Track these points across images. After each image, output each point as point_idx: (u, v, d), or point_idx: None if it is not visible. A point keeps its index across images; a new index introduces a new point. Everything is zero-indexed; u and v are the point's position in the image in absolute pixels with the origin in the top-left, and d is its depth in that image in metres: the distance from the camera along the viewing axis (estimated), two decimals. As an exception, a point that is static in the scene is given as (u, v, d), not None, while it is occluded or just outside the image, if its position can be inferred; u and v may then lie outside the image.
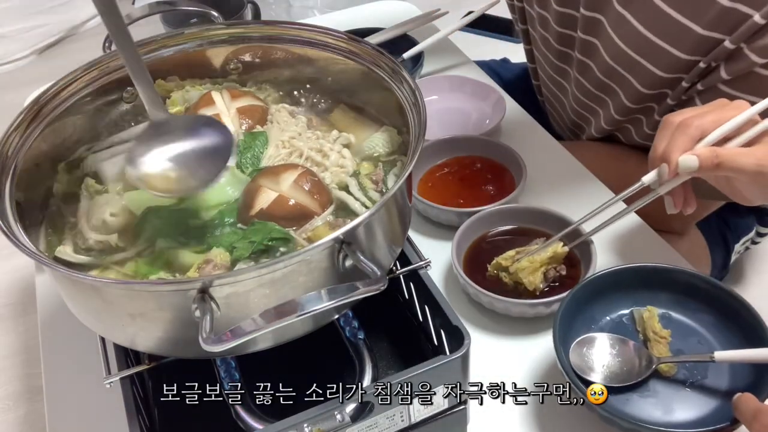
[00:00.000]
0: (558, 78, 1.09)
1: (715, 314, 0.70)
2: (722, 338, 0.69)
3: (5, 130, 0.65)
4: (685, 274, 0.72)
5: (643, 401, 0.66)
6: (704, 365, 0.67)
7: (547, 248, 0.76)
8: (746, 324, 0.67)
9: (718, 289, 0.70)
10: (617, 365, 0.67)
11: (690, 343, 0.70)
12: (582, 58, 0.98)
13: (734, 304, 0.68)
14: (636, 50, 0.87)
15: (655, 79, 0.88)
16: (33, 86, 0.91)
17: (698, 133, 0.64)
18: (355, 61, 0.73)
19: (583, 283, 0.72)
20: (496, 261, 0.78)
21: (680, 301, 0.72)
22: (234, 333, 0.49)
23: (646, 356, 0.67)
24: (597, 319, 0.73)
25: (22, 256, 0.54)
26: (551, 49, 1.05)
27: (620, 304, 0.73)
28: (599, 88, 0.99)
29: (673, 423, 0.64)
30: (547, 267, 0.77)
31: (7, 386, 1.46)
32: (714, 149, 0.63)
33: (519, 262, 0.76)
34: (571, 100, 1.07)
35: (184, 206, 0.66)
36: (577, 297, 0.71)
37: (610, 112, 0.99)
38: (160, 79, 0.79)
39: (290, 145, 0.72)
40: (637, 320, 0.72)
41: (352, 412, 0.57)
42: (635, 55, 0.87)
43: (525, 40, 1.17)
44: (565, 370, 0.65)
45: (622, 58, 0.90)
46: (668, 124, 0.66)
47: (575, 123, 1.12)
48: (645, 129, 0.98)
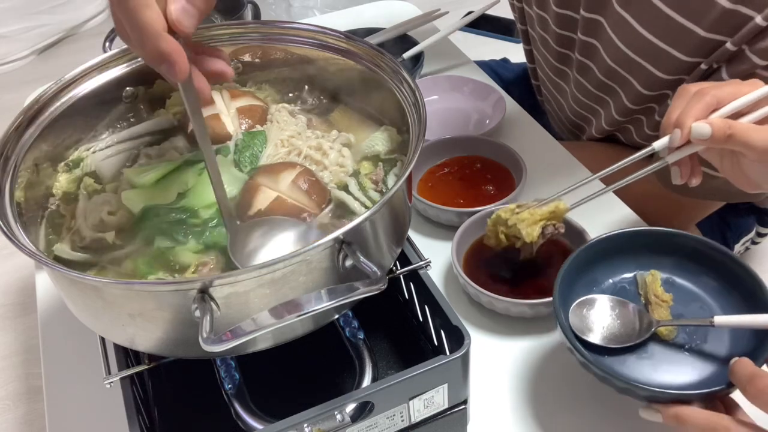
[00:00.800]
0: (557, 79, 1.09)
1: (718, 280, 0.70)
2: (725, 304, 0.69)
3: (5, 130, 0.65)
4: (690, 238, 0.72)
5: (639, 363, 0.66)
6: (704, 330, 0.67)
7: (549, 203, 0.75)
8: (748, 290, 0.67)
9: (722, 255, 0.70)
10: (616, 327, 0.67)
11: (692, 308, 0.70)
12: (582, 60, 0.98)
13: (737, 270, 0.68)
14: (637, 52, 0.87)
15: (656, 81, 0.88)
16: (33, 86, 0.91)
17: (714, 102, 0.64)
18: (355, 61, 0.73)
19: (587, 245, 0.71)
20: (496, 214, 0.77)
21: (684, 266, 0.72)
22: (234, 333, 0.49)
23: (647, 319, 0.67)
24: (600, 281, 0.73)
25: (22, 256, 0.54)
26: (550, 50, 1.05)
27: (624, 267, 0.73)
28: (600, 89, 0.99)
29: (667, 384, 0.63)
30: (547, 222, 0.76)
31: (7, 386, 1.46)
32: (727, 121, 0.62)
33: (519, 214, 0.75)
34: (571, 101, 1.07)
35: (181, 205, 0.66)
36: (579, 259, 0.71)
37: (611, 112, 0.99)
38: (160, 79, 0.79)
39: (289, 143, 0.73)
40: (640, 284, 0.72)
41: (352, 412, 0.57)
42: (636, 56, 0.87)
43: (525, 40, 1.17)
44: (564, 330, 0.64)
45: (622, 60, 0.90)
46: (684, 92, 0.66)
47: (575, 123, 1.12)
48: (645, 129, 0.98)
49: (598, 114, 1.03)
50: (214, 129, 0.73)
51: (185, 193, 0.68)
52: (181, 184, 0.69)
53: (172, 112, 0.79)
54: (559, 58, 1.04)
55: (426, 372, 0.58)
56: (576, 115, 1.09)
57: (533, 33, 1.09)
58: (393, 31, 1.18)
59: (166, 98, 0.79)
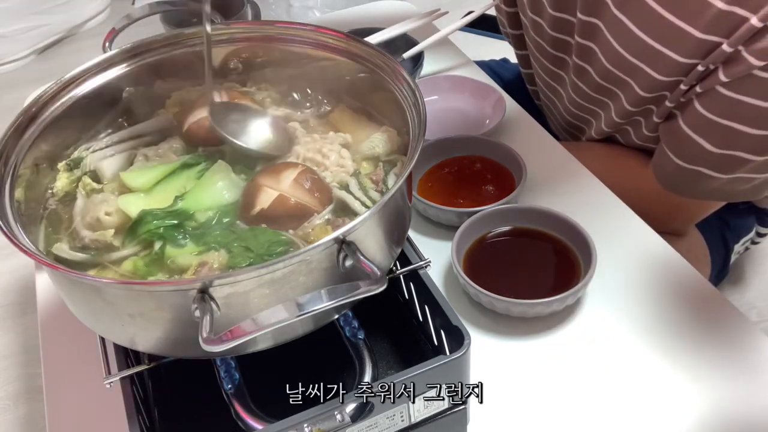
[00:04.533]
0: (553, 83, 1.09)
1: None
2: None
3: (5, 130, 0.65)
4: None
5: None
6: None
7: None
8: None
9: None
10: None
11: None
12: (579, 63, 0.98)
13: None
14: (634, 54, 0.87)
15: (654, 83, 0.88)
16: (33, 86, 0.91)
17: None
18: (355, 61, 0.73)
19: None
20: None
21: None
22: (234, 333, 0.49)
23: None
24: None
25: (22, 256, 0.54)
26: (546, 55, 1.05)
27: None
28: (598, 92, 0.99)
29: None
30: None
31: (7, 386, 1.46)
32: None
33: None
34: (568, 105, 1.07)
35: (179, 208, 0.66)
36: None
37: (610, 114, 0.99)
38: (160, 80, 0.79)
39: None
40: None
41: (352, 412, 0.57)
42: (634, 59, 0.87)
43: (518, 45, 1.16)
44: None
45: (620, 63, 0.89)
46: None
47: (574, 125, 1.12)
48: (644, 131, 0.98)
49: (597, 116, 1.03)
50: (209, 130, 0.73)
51: (183, 195, 0.68)
52: (178, 187, 0.69)
53: (171, 112, 0.79)
54: (555, 62, 1.04)
55: (426, 372, 0.58)
56: (575, 118, 1.09)
57: (528, 38, 1.09)
58: (393, 31, 1.18)
59: (165, 98, 0.79)
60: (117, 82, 0.75)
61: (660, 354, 0.73)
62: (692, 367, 0.72)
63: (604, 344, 0.75)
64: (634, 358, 0.73)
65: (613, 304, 0.79)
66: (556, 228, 0.82)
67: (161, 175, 0.70)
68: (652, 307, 0.78)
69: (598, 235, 0.77)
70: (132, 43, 0.76)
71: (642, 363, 0.73)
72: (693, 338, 0.74)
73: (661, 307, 0.78)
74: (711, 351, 0.73)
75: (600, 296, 0.79)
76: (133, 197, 0.68)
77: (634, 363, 0.73)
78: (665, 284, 0.80)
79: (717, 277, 1.14)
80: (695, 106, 0.84)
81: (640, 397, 0.70)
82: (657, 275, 0.81)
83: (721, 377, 0.71)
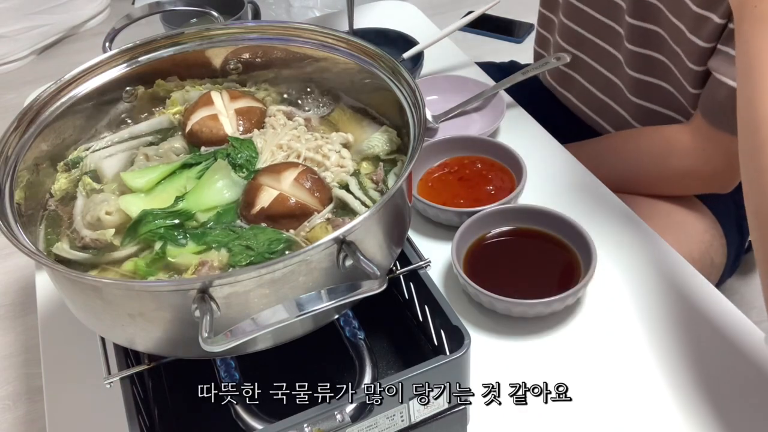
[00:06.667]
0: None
1: None
2: None
3: (5, 130, 0.65)
4: None
5: None
6: None
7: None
8: None
9: None
10: None
11: None
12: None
13: None
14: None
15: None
16: (33, 86, 0.91)
17: None
18: (355, 61, 0.73)
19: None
20: None
21: None
22: (234, 333, 0.49)
23: None
24: None
25: (22, 256, 0.54)
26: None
27: None
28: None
29: None
30: None
31: (7, 386, 1.46)
32: None
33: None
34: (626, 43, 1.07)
35: (180, 208, 0.66)
36: None
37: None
38: (160, 80, 0.79)
39: (288, 147, 0.72)
40: None
41: (352, 412, 0.57)
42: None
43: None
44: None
45: None
46: None
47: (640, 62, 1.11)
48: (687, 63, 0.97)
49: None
50: (211, 129, 0.73)
51: (183, 196, 0.68)
52: (179, 187, 0.69)
53: (171, 112, 0.79)
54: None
55: (426, 372, 0.58)
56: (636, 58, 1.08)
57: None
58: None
59: (166, 98, 0.80)
60: (117, 82, 0.75)
61: (660, 354, 0.73)
62: (692, 367, 0.72)
63: (603, 344, 0.75)
64: (633, 358, 0.73)
65: (613, 304, 0.79)
66: (556, 228, 0.82)
67: (162, 175, 0.70)
68: (652, 306, 0.78)
69: (598, 235, 0.77)
70: (132, 43, 0.76)
71: (642, 363, 0.73)
72: (693, 338, 0.74)
73: (661, 306, 0.78)
74: (711, 351, 0.73)
75: (600, 296, 0.79)
76: (134, 197, 0.68)
77: (634, 363, 0.73)
78: (665, 284, 0.80)
79: (729, 267, 1.11)
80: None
81: (640, 397, 0.70)
82: (657, 275, 0.81)
83: (721, 377, 0.71)
